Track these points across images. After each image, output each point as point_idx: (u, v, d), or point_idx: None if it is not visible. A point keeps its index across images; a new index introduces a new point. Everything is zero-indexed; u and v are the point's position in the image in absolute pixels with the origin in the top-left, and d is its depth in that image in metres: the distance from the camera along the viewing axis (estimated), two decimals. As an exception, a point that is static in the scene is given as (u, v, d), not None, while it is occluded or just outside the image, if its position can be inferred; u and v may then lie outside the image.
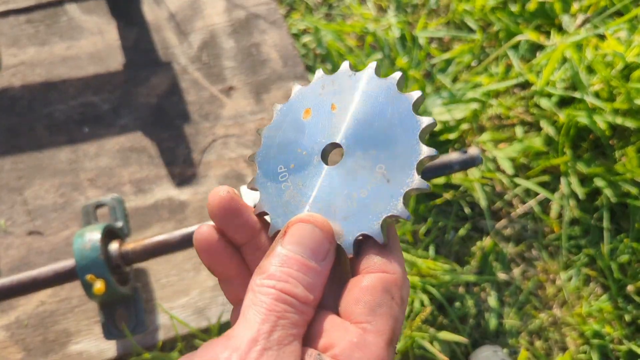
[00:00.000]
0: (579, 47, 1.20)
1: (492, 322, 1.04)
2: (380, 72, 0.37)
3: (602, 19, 1.28)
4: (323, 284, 0.31)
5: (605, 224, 1.11)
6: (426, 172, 0.87)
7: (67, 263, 0.83)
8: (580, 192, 1.12)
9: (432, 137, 1.17)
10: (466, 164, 0.89)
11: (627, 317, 1.05)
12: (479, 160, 0.90)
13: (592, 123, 1.12)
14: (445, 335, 1.00)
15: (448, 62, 1.29)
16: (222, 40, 1.27)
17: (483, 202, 1.12)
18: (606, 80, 1.15)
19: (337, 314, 0.31)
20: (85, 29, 1.25)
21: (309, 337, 0.30)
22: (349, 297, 0.31)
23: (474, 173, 1.13)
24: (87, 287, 0.81)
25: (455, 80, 1.28)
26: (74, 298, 0.99)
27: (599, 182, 1.12)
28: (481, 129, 1.22)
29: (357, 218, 0.32)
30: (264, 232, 0.35)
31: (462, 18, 1.36)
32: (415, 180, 0.31)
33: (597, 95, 1.17)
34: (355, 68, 0.37)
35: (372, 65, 0.37)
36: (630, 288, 1.07)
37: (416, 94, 0.34)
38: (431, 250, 1.09)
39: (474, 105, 1.18)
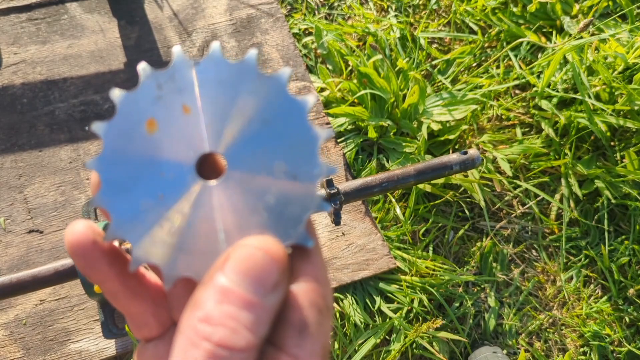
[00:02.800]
0: (580, 48, 1.20)
1: (492, 323, 1.04)
2: (224, 54, 0.29)
3: (604, 21, 1.28)
4: (270, 320, 0.26)
5: (607, 226, 1.11)
6: (427, 172, 0.87)
7: (67, 261, 0.83)
8: (580, 193, 1.12)
9: (432, 138, 1.17)
10: (466, 165, 0.89)
11: (627, 319, 1.05)
12: (478, 161, 0.90)
13: (592, 124, 1.12)
14: (444, 335, 1.00)
15: (448, 63, 1.29)
16: (224, 39, 1.27)
17: (483, 203, 1.12)
18: (607, 81, 1.15)
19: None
20: (87, 28, 1.25)
21: None
22: (281, 321, 0.27)
23: (473, 174, 1.13)
24: (87, 286, 0.81)
25: (455, 81, 1.28)
26: (74, 297, 0.99)
27: (599, 184, 1.12)
28: (481, 130, 1.22)
29: (274, 229, 0.27)
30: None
31: (463, 19, 1.36)
32: (324, 168, 0.27)
33: (597, 96, 1.17)
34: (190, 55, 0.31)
35: (216, 46, 0.30)
36: (630, 290, 1.07)
37: (284, 71, 0.29)
38: (431, 251, 1.09)
39: (474, 106, 1.18)
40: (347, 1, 1.41)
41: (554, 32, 1.29)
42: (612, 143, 1.18)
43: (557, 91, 1.19)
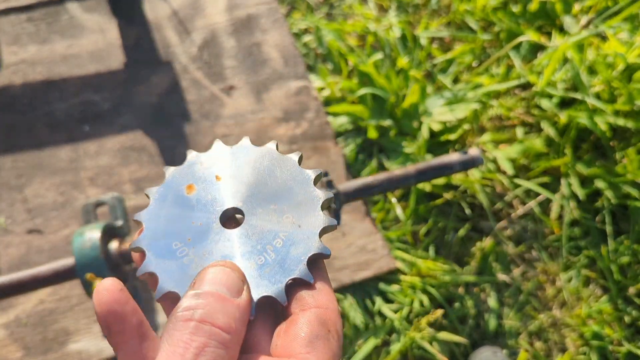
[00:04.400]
0: (580, 47, 1.20)
1: (492, 323, 1.04)
2: (252, 143, 0.39)
3: (604, 20, 1.27)
4: (244, 320, 0.30)
5: (607, 226, 1.10)
6: (427, 172, 0.87)
7: (67, 261, 0.83)
8: (580, 193, 1.12)
9: (433, 137, 1.17)
10: (467, 165, 0.89)
11: (627, 319, 1.05)
12: (479, 161, 0.90)
13: (592, 124, 1.12)
14: (444, 335, 0.99)
15: (449, 62, 1.29)
16: (223, 39, 1.27)
17: (483, 203, 1.12)
18: (607, 81, 1.15)
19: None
20: (86, 28, 1.25)
21: None
22: (286, 335, 0.30)
23: (474, 174, 1.13)
24: (87, 286, 0.81)
25: (456, 80, 1.28)
26: (74, 297, 0.99)
27: (599, 184, 1.12)
28: (482, 130, 1.22)
29: (280, 266, 0.33)
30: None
31: (463, 18, 1.36)
32: (325, 220, 0.34)
33: (598, 96, 1.17)
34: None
35: (246, 140, 0.39)
36: (630, 290, 1.07)
37: (296, 154, 0.37)
38: (431, 251, 1.09)
39: (475, 106, 1.18)
40: (347, 0, 1.41)
41: (554, 32, 1.29)
42: (612, 143, 1.18)
43: (557, 90, 1.19)
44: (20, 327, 0.96)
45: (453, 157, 0.89)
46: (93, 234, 0.83)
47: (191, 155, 0.39)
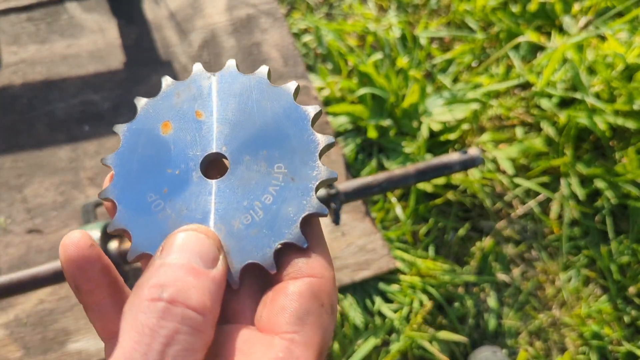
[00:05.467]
0: (579, 48, 1.20)
1: (492, 323, 1.04)
2: (239, 68, 0.33)
3: (603, 20, 1.27)
4: (220, 294, 0.25)
5: (607, 225, 1.11)
6: (427, 172, 0.87)
7: (67, 261, 0.83)
8: (580, 193, 1.12)
9: (433, 137, 1.17)
10: (466, 165, 0.89)
11: (626, 319, 1.05)
12: (479, 161, 0.90)
13: (592, 124, 1.12)
14: (444, 335, 1.00)
15: (449, 62, 1.29)
16: (223, 39, 1.27)
17: (483, 203, 1.12)
18: (607, 81, 1.15)
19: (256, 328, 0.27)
20: (86, 28, 1.25)
21: None
22: (272, 306, 0.26)
23: (474, 174, 1.13)
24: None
25: (455, 80, 1.28)
26: (73, 296, 0.99)
27: (599, 183, 1.12)
28: (481, 130, 1.22)
29: (269, 228, 0.28)
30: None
31: (462, 18, 1.36)
32: (322, 172, 0.29)
33: (597, 96, 1.17)
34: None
35: (231, 62, 0.33)
36: (630, 289, 1.07)
37: (292, 84, 0.31)
38: (431, 251, 1.09)
39: (475, 106, 1.18)
40: (347, 0, 1.41)
41: (553, 32, 1.29)
42: (611, 142, 1.18)
43: (557, 90, 1.19)
44: (20, 327, 0.96)
45: (453, 156, 0.89)
46: (93, 234, 0.83)
47: (166, 83, 0.33)
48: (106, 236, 0.86)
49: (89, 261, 0.27)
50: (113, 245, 0.85)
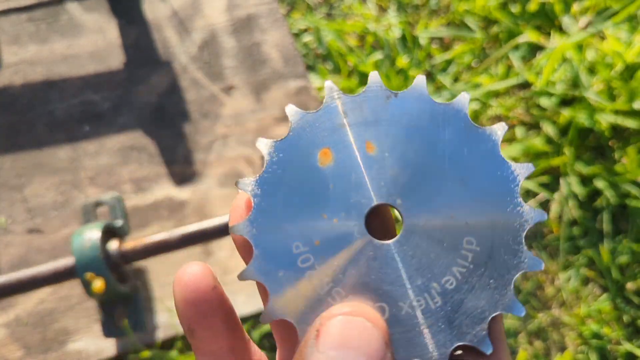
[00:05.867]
0: (579, 47, 1.20)
1: (491, 323, 1.04)
2: (429, 90, 0.23)
3: (603, 20, 1.28)
4: None
5: (606, 225, 1.11)
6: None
7: (67, 261, 0.83)
8: (580, 192, 1.12)
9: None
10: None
11: (625, 318, 1.05)
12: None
13: (592, 123, 1.12)
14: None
15: (448, 62, 1.29)
16: (223, 39, 1.27)
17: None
18: (606, 80, 1.15)
19: None
20: (86, 28, 1.25)
21: None
22: None
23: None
24: (87, 286, 0.81)
25: (455, 80, 1.28)
26: (74, 296, 0.99)
27: (599, 183, 1.12)
28: (481, 129, 1.22)
29: (447, 322, 0.22)
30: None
31: (462, 18, 1.36)
32: (528, 259, 0.22)
33: (597, 95, 1.17)
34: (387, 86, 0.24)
35: (420, 80, 0.25)
36: (629, 288, 1.07)
37: (500, 128, 0.24)
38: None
39: (475, 106, 1.18)
40: (347, 0, 1.41)
41: (553, 32, 1.29)
42: (611, 142, 1.18)
43: (557, 90, 1.19)
44: (20, 327, 0.97)
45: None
46: (93, 233, 0.83)
47: (331, 93, 0.25)
48: (106, 236, 0.86)
49: (211, 306, 0.23)
50: (113, 245, 0.86)
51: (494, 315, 0.22)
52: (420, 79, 0.25)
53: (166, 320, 0.97)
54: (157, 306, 0.98)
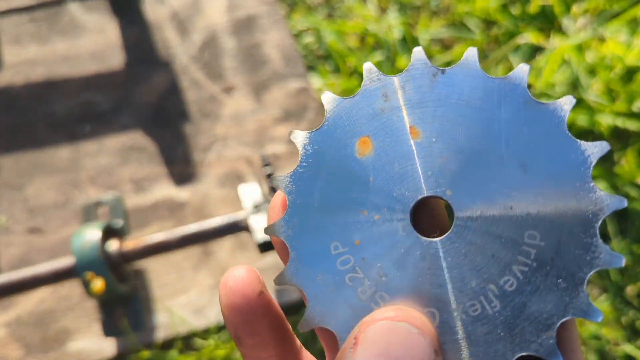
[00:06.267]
0: (579, 49, 1.20)
1: (490, 323, 1.04)
2: (482, 66, 0.22)
3: (603, 22, 1.28)
4: None
5: (606, 226, 1.11)
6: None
7: (67, 261, 0.83)
8: (579, 194, 1.12)
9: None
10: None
11: (624, 319, 1.05)
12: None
13: (592, 125, 1.12)
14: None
15: (449, 63, 1.30)
16: (223, 39, 1.27)
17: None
18: (606, 82, 1.15)
19: None
20: (87, 28, 1.26)
21: None
22: None
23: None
24: (87, 285, 0.81)
25: (455, 81, 1.28)
26: (74, 296, 0.99)
27: (598, 185, 1.12)
28: (481, 131, 1.22)
29: (507, 329, 0.19)
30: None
31: (462, 19, 1.36)
32: (603, 254, 0.19)
33: (597, 97, 1.17)
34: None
35: (472, 52, 0.23)
36: (628, 290, 1.07)
37: (567, 101, 0.21)
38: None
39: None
40: (347, 1, 1.41)
41: (552, 34, 1.29)
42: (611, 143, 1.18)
43: (556, 91, 1.19)
44: (20, 326, 0.97)
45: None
46: (93, 233, 0.84)
47: (370, 74, 0.22)
48: (106, 236, 0.87)
49: (258, 313, 0.22)
50: (113, 245, 0.86)
51: (563, 320, 0.19)
52: (471, 52, 0.23)
53: (166, 320, 0.98)
54: (157, 306, 0.98)
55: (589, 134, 1.18)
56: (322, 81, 1.24)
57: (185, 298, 1.00)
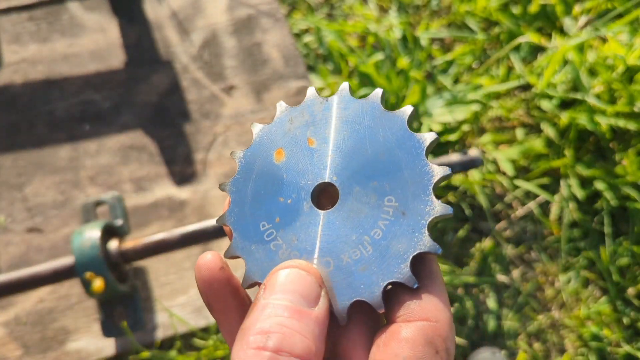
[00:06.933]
0: (580, 49, 1.20)
1: (491, 324, 1.04)
2: (353, 93, 0.32)
3: (604, 22, 1.27)
4: (323, 333, 0.26)
5: (606, 227, 1.11)
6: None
7: (67, 260, 0.83)
8: (580, 194, 1.12)
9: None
10: (466, 166, 0.89)
11: (625, 320, 1.05)
12: (479, 162, 0.90)
13: (592, 125, 1.12)
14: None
15: (449, 63, 1.29)
16: (224, 39, 1.27)
17: (483, 204, 1.12)
18: (607, 82, 1.15)
19: None
20: (87, 27, 1.25)
21: None
22: (385, 351, 0.25)
23: (474, 175, 1.13)
24: (86, 285, 0.81)
25: (456, 81, 1.28)
26: (73, 295, 0.99)
27: (599, 185, 1.12)
28: (482, 131, 1.22)
29: (378, 265, 0.27)
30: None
31: (463, 19, 1.36)
32: (437, 206, 0.27)
33: (598, 97, 1.17)
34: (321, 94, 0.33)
35: (344, 86, 0.32)
36: (629, 291, 1.07)
37: (408, 109, 0.30)
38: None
39: (475, 107, 1.18)
40: (348, 1, 1.41)
41: (554, 34, 1.29)
42: (611, 144, 1.18)
43: (558, 92, 1.19)
44: (19, 326, 0.97)
45: (453, 157, 0.89)
46: (93, 233, 0.83)
47: (281, 109, 0.33)
48: (106, 235, 0.86)
49: (220, 282, 0.30)
50: (113, 244, 0.86)
51: (413, 254, 0.27)
52: (343, 85, 0.32)
53: (165, 320, 0.97)
54: (156, 306, 0.98)
55: (590, 135, 1.18)
56: (323, 81, 1.24)
57: (185, 298, 0.99)
